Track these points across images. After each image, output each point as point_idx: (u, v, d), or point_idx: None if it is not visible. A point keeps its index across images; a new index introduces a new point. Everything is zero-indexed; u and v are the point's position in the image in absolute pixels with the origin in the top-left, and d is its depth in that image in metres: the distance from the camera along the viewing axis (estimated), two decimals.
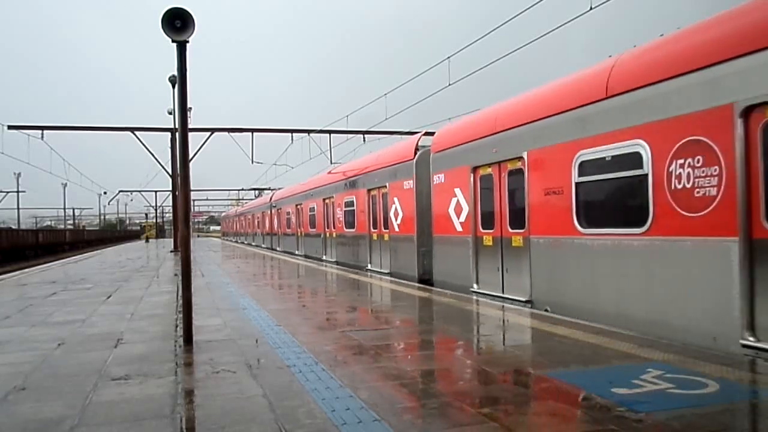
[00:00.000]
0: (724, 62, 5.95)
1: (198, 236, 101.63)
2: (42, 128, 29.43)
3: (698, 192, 6.22)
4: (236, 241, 57.99)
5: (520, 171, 9.48)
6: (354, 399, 4.36)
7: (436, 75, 16.32)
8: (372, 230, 17.52)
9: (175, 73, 6.55)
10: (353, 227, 19.25)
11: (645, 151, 6.88)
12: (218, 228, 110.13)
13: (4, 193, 72.28)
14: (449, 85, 15.80)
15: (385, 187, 16.07)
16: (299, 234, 28.51)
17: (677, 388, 4.43)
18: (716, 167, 6.00)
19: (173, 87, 26.86)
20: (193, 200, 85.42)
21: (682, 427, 3.67)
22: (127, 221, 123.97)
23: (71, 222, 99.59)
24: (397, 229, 15.30)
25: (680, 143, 6.45)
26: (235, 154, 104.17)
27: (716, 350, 5.67)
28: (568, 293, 8.33)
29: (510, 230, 10.00)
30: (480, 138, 10.86)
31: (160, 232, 79.79)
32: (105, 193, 79.42)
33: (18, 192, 74.08)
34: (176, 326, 7.78)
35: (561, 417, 4.00)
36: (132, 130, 31.24)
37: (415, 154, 14.26)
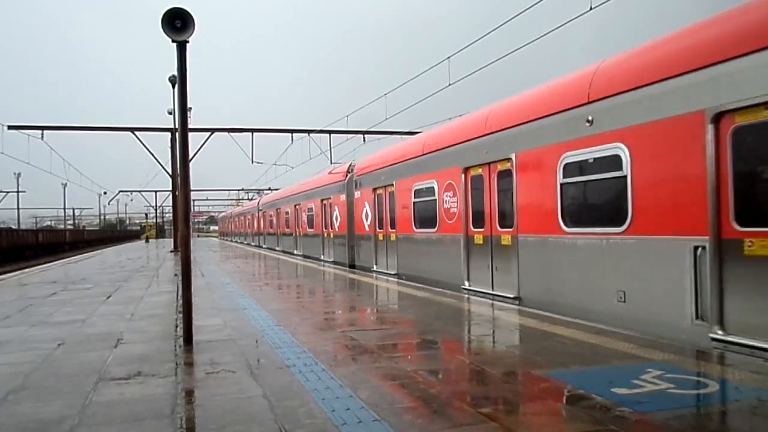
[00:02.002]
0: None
1: (198, 236, 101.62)
2: (42, 128, 29.45)
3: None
4: (231, 240, 62.89)
5: (391, 193, 15.33)
6: (354, 399, 4.36)
7: (436, 75, 16.34)
8: (324, 230, 22.95)
9: (175, 73, 6.55)
10: (313, 228, 24.84)
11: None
12: (217, 228, 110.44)
13: (4, 193, 72.37)
14: (449, 85, 15.82)
15: (330, 198, 21.77)
16: (278, 233, 33.98)
17: (677, 388, 4.43)
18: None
19: (173, 87, 26.86)
20: (193, 200, 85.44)
21: (682, 427, 3.67)
22: (127, 221, 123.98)
23: (71, 222, 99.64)
24: (337, 229, 20.91)
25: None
26: (235, 154, 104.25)
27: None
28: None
29: (389, 229, 15.66)
30: (376, 170, 16.65)
31: (160, 232, 79.77)
32: (105, 193, 79.56)
33: (18, 192, 74.18)
34: (176, 326, 7.78)
35: (561, 417, 4.01)
36: (132, 130, 31.24)
37: (346, 176, 19.69)
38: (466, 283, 11.25)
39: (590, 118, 7.78)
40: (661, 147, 6.70)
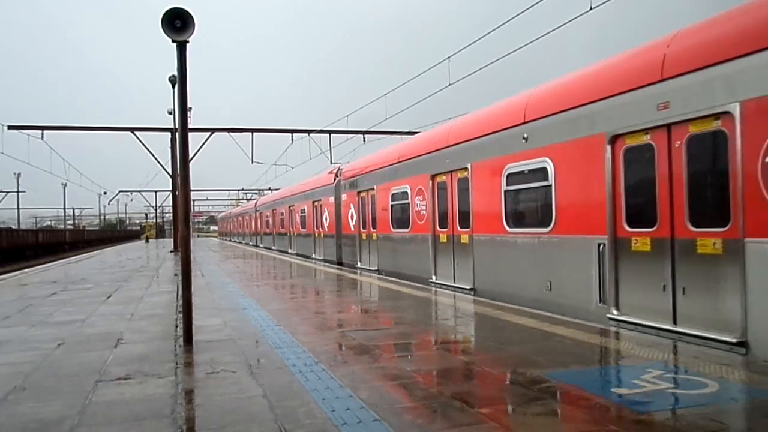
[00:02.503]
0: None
1: (198, 236, 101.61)
2: (42, 128, 29.45)
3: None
4: (230, 240, 64.76)
5: (373, 196, 16.76)
6: (354, 399, 4.36)
7: (436, 75, 16.34)
8: (315, 231, 24.38)
9: (175, 73, 6.55)
10: (305, 228, 26.40)
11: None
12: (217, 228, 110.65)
13: (4, 193, 72.36)
14: (449, 85, 15.81)
15: (320, 200, 23.20)
16: (274, 233, 35.77)
17: (677, 388, 4.44)
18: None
19: (173, 87, 26.86)
20: (193, 200, 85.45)
21: (682, 427, 3.67)
22: (127, 221, 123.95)
23: (71, 222, 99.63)
24: (326, 229, 22.37)
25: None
26: (235, 154, 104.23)
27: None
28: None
29: (371, 229, 17.07)
30: (359, 175, 18.16)
31: (160, 232, 79.77)
32: (105, 193, 79.53)
33: (18, 192, 74.16)
34: (176, 326, 7.78)
35: (561, 417, 4.01)
36: (132, 130, 31.24)
37: (334, 180, 21.06)
38: (434, 277, 12.68)
39: (526, 135, 9.30)
40: (574, 162, 8.26)
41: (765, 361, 5.40)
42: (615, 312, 7.40)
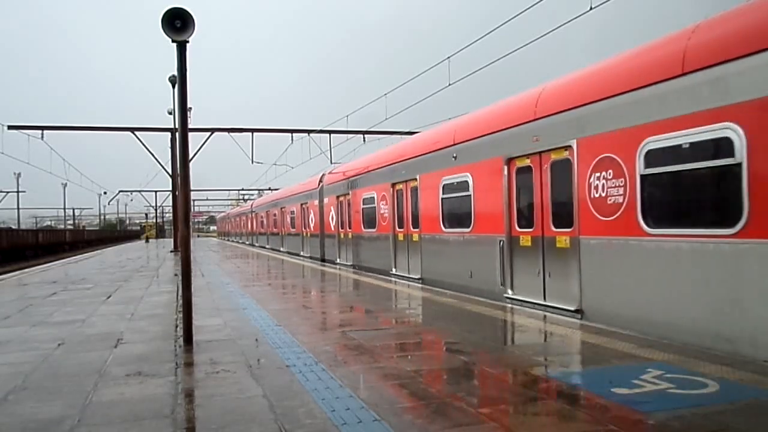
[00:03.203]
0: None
1: (198, 236, 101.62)
2: (42, 128, 29.44)
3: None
4: (228, 240, 67.90)
5: (349, 200, 19.16)
6: (354, 399, 4.36)
7: (436, 75, 16.33)
8: (303, 230, 26.91)
9: (175, 73, 6.55)
10: (294, 228, 29.15)
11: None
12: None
13: (4, 193, 72.34)
14: (449, 85, 15.81)
15: (307, 203, 25.74)
16: (268, 233, 38.57)
17: (677, 388, 4.44)
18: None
19: (173, 87, 26.86)
20: (193, 200, 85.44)
21: (682, 427, 3.67)
22: (127, 221, 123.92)
23: (71, 222, 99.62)
24: (312, 229, 24.88)
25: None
26: (235, 154, 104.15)
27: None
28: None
29: (348, 230, 19.47)
30: (338, 181, 20.61)
31: (160, 232, 79.75)
32: (105, 193, 79.45)
33: (18, 192, 74.13)
34: (176, 326, 7.78)
35: (561, 417, 4.01)
36: (132, 130, 31.24)
37: (319, 185, 23.36)
38: (394, 270, 15.21)
39: (455, 155, 11.70)
40: (486, 177, 10.53)
41: (594, 323, 7.20)
42: (510, 292, 9.76)
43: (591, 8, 9.96)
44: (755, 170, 5.57)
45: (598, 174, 7.62)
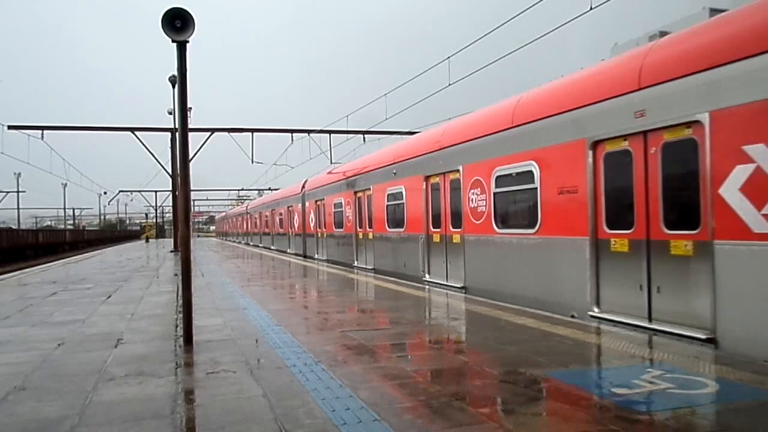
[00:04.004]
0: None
1: (198, 236, 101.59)
2: (42, 128, 29.40)
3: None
4: (225, 239, 70.91)
5: (324, 205, 22.80)
6: (354, 399, 4.36)
7: (436, 75, 16.32)
8: (289, 230, 30.89)
9: (175, 73, 6.55)
10: (282, 228, 33.00)
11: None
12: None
13: (4, 193, 72.31)
14: (449, 85, 15.80)
15: (292, 206, 29.55)
16: (261, 233, 42.61)
17: (677, 388, 4.44)
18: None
19: (173, 87, 26.86)
20: (193, 200, 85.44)
21: (682, 427, 3.68)
22: (127, 221, 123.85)
23: (71, 222, 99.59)
24: (296, 229, 28.90)
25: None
26: (235, 154, 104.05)
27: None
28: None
29: (324, 229, 22.99)
30: (316, 188, 24.32)
31: (160, 232, 79.74)
32: (105, 193, 79.49)
33: (18, 192, 74.12)
34: (176, 326, 7.78)
35: (561, 417, 4.01)
36: (132, 130, 31.21)
37: (302, 190, 26.95)
38: (356, 262, 18.65)
39: (395, 171, 15.00)
40: (414, 190, 13.73)
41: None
42: (427, 276, 13.11)
43: (591, 8, 9.95)
44: None
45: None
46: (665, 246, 6.83)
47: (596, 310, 7.77)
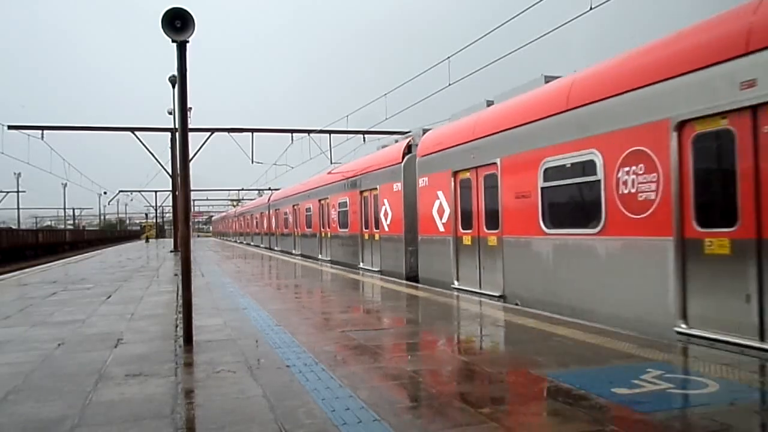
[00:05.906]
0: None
1: (198, 236, 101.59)
2: (42, 128, 29.42)
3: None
4: (222, 239, 74.38)
5: (297, 209, 29.09)
6: (354, 399, 4.36)
7: (436, 75, 16.32)
8: (275, 230, 36.29)
9: (175, 73, 6.55)
10: (268, 229, 38.81)
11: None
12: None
13: (4, 193, 72.32)
14: (449, 85, 15.79)
15: (279, 209, 34.93)
16: (253, 233, 47.36)
17: (677, 388, 4.44)
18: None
19: (173, 87, 26.85)
20: (193, 200, 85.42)
21: (682, 427, 3.68)
22: (127, 221, 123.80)
23: (71, 222, 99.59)
24: (286, 230, 32.44)
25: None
26: (235, 154, 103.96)
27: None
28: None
29: (296, 229, 29.28)
30: (287, 196, 32.01)
31: (160, 232, 79.72)
32: (105, 193, 79.41)
33: (18, 192, 74.13)
34: (176, 326, 7.78)
35: (561, 417, 4.00)
36: (132, 130, 31.23)
37: (269, 200, 37.00)
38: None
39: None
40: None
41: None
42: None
43: (591, 8, 9.95)
44: None
45: None
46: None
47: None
